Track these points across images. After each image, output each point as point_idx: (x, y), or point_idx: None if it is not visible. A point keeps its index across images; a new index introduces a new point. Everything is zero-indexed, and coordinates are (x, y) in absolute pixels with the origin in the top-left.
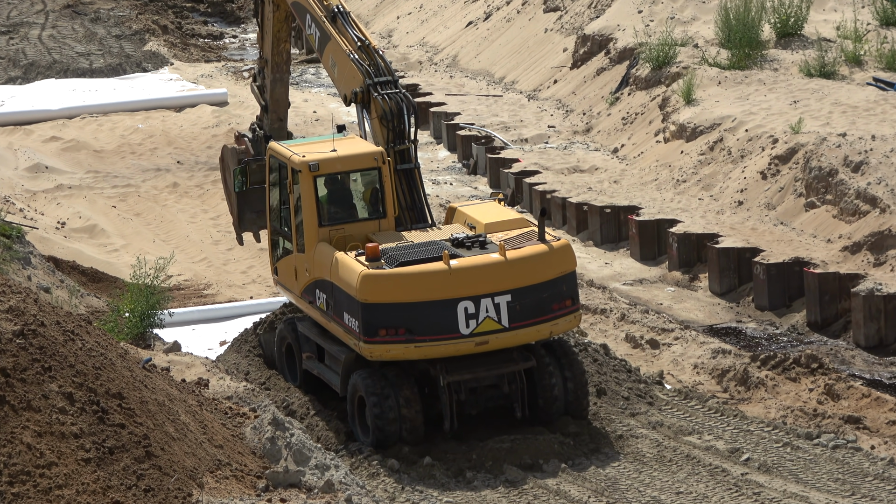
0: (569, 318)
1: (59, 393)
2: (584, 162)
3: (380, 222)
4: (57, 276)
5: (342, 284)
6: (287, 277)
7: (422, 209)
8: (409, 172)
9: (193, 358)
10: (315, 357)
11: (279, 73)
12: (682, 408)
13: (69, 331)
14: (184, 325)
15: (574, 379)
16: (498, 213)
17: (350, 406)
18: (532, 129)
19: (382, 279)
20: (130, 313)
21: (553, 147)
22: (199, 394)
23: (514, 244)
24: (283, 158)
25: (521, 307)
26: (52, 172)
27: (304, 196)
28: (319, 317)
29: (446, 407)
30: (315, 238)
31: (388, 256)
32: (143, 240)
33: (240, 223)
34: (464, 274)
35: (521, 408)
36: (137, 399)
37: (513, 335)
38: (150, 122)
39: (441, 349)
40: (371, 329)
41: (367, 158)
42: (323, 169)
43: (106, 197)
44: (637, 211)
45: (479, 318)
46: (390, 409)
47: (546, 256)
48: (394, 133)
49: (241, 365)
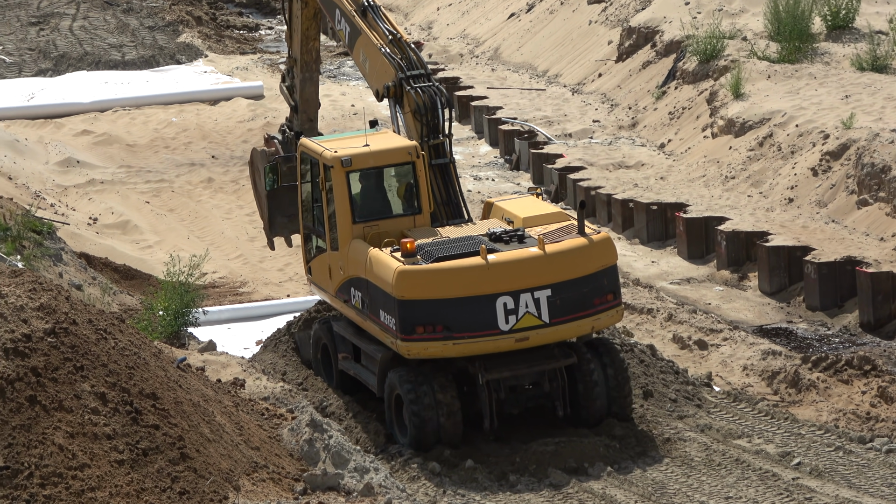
0: (611, 313)
1: (92, 393)
2: (629, 157)
3: (415, 218)
4: (89, 273)
5: (378, 281)
6: (321, 276)
7: (458, 205)
8: (445, 167)
9: (229, 357)
10: (351, 357)
11: (308, 72)
12: (731, 410)
13: (101, 329)
14: (219, 324)
15: (616, 377)
16: (536, 207)
17: (387, 406)
18: (576, 123)
19: (419, 275)
20: (164, 311)
21: (598, 142)
22: (234, 394)
23: (554, 238)
24: (314, 154)
25: (562, 302)
26: (83, 167)
27: (337, 192)
28: (355, 316)
29: (485, 406)
30: (349, 235)
31: (424, 252)
32: (177, 236)
33: (270, 227)
34: (502, 268)
35: (563, 406)
36: (172, 399)
37: (553, 331)
38: (184, 115)
39: (480, 346)
40: (408, 326)
41: (401, 153)
42: (356, 164)
43: (139, 192)
44: (684, 208)
45: (518, 313)
46: (428, 407)
47: (586, 250)
48: (428, 127)
49: (278, 365)
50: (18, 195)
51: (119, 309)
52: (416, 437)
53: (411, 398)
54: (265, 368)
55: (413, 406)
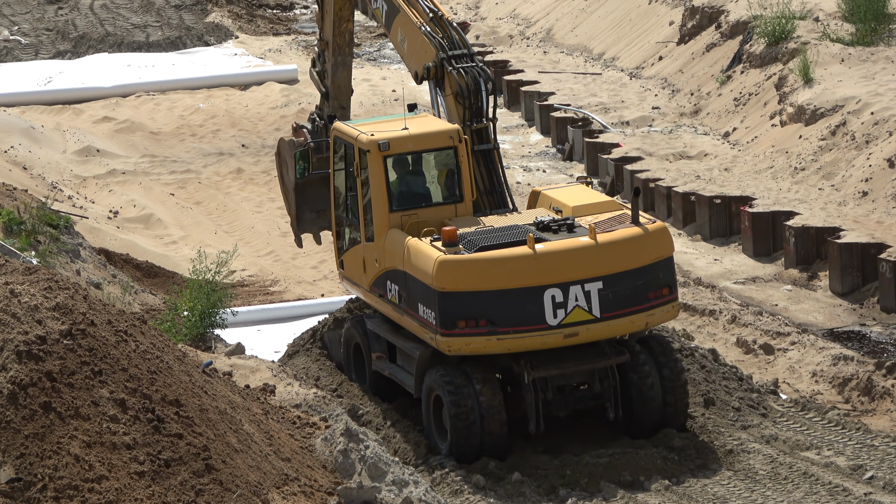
0: (666, 309)
1: (111, 399)
2: (691, 147)
3: (456, 207)
4: (108, 270)
5: (416, 273)
6: (354, 270)
7: (502, 193)
8: (488, 153)
9: (258, 362)
10: (386, 357)
11: (341, 55)
12: (798, 420)
13: (122, 331)
14: (248, 326)
15: (672, 379)
16: (586, 195)
17: (425, 408)
18: (634, 110)
19: (461, 265)
20: (189, 312)
21: (657, 131)
22: (264, 401)
23: (606, 227)
24: (348, 139)
25: (614, 295)
26: (103, 156)
27: (374, 179)
28: (391, 311)
29: (531, 407)
30: (385, 225)
31: (466, 241)
32: (204, 231)
33: (298, 223)
34: (551, 259)
35: (614, 408)
36: (196, 406)
37: (605, 326)
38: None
39: (526, 342)
40: (449, 320)
41: (442, 137)
42: (394, 148)
43: (163, 183)
44: (750, 202)
45: (567, 307)
46: (470, 408)
47: (641, 240)
48: (470, 111)
49: (311, 370)
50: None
51: (141, 309)
52: (457, 443)
53: (452, 399)
54: (297, 374)
55: (454, 408)
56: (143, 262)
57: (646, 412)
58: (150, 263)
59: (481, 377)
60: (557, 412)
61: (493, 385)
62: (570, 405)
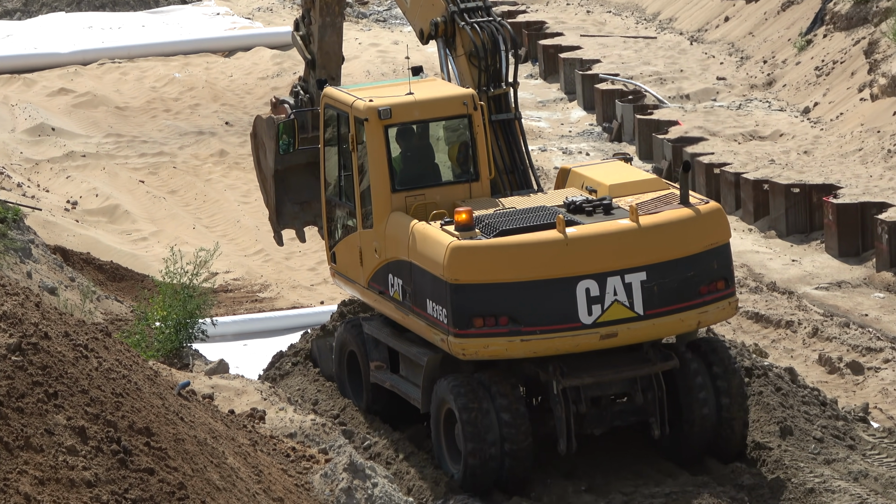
0: (721, 305)
1: (68, 427)
2: (764, 126)
3: (470, 186)
4: (66, 272)
5: (424, 263)
6: (349, 264)
7: (525, 172)
8: (508, 124)
9: (245, 382)
10: (387, 366)
11: (330, 15)
12: (893, 454)
13: (81, 345)
14: (233, 339)
15: (729, 391)
16: (625, 173)
17: (435, 425)
18: (695, 81)
19: (477, 253)
20: (162, 322)
21: (723, 106)
22: (252, 430)
23: (650, 208)
24: (342, 106)
25: (660, 289)
26: (60, 135)
27: (373, 153)
28: (393, 311)
29: (561, 422)
30: (387, 207)
31: (484, 225)
32: (180, 225)
33: (278, 217)
34: (584, 245)
35: (660, 424)
36: (171, 436)
37: (649, 326)
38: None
39: (555, 344)
40: (463, 318)
41: (454, 103)
42: (396, 116)
43: (131, 168)
44: (835, 191)
45: (604, 302)
46: (489, 426)
47: (691, 223)
48: (487, 74)
49: (308, 392)
50: None
51: (104, 319)
52: (472, 468)
53: (467, 415)
54: (291, 396)
55: (469, 426)
56: (107, 263)
57: (697, 431)
58: (116, 264)
59: (502, 388)
60: (592, 429)
61: (516, 397)
62: (608, 421)
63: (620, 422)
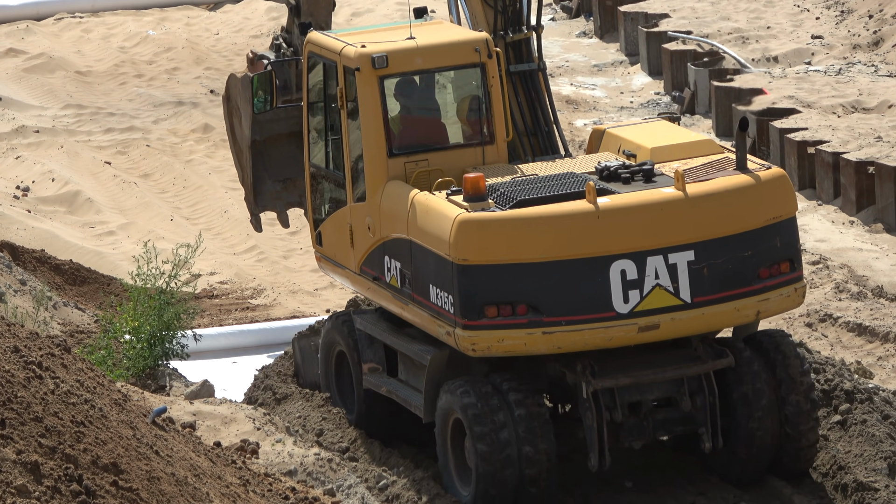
0: (786, 292)
1: (18, 463)
2: (870, 95)
3: (483, 150)
4: (15, 274)
5: (426, 240)
6: (337, 246)
7: (550, 134)
8: (530, 76)
9: (234, 408)
10: (383, 370)
11: None
12: None
13: (34, 363)
14: (219, 356)
15: (795, 397)
16: (670, 134)
17: (440, 439)
18: (785, 41)
19: (490, 227)
20: (133, 335)
21: (819, 70)
22: (242, 466)
23: (699, 175)
24: (330, 54)
25: (711, 271)
26: (7, 106)
27: (366, 109)
28: (390, 300)
29: (592, 431)
30: (383, 175)
31: (499, 194)
32: (155, 216)
33: (256, 198)
34: (620, 217)
35: (712, 436)
36: (143, 474)
37: (697, 316)
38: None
39: (584, 338)
40: (473, 307)
41: (464, 49)
42: (394, 65)
43: (95, 147)
44: None
45: (643, 287)
46: (505, 441)
47: (750, 192)
48: (504, 16)
49: (311, 419)
50: None
51: (62, 331)
52: (485, 492)
53: (479, 428)
54: (290, 425)
55: (481, 442)
56: (66, 263)
57: (755, 445)
58: (76, 264)
59: (521, 394)
60: (630, 441)
61: (538, 406)
62: (649, 432)
63: (664, 432)
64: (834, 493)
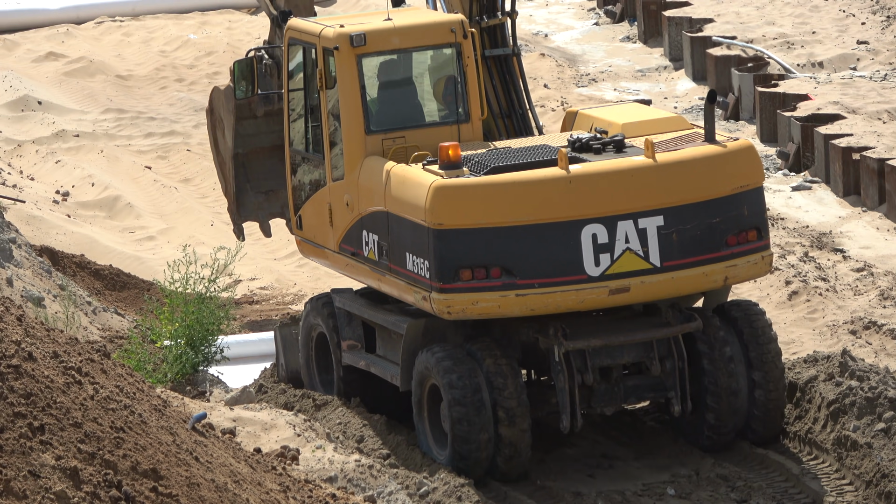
0: (753, 259)
1: (57, 468)
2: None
3: (459, 128)
4: (54, 278)
5: (402, 209)
6: (317, 227)
7: (524, 116)
8: (505, 61)
9: (275, 414)
10: (362, 346)
11: None
12: None
13: (73, 368)
14: (259, 361)
15: (763, 366)
16: (641, 112)
17: (416, 404)
18: (830, 46)
19: (464, 192)
20: (173, 340)
21: (865, 76)
22: (283, 472)
23: (669, 146)
24: (309, 38)
25: (680, 236)
26: (48, 111)
27: (344, 87)
28: (368, 274)
29: (564, 394)
30: (361, 151)
31: (473, 163)
32: (195, 221)
33: (238, 208)
34: (590, 183)
35: (681, 399)
36: (183, 480)
37: (667, 280)
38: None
39: (556, 300)
40: (448, 270)
41: (440, 30)
42: (371, 44)
43: (135, 151)
44: None
45: (614, 251)
46: (479, 403)
47: (717, 161)
48: (480, 2)
49: (351, 426)
50: None
51: (102, 337)
52: (461, 455)
53: (454, 392)
54: (331, 432)
55: (457, 406)
56: (106, 268)
57: (724, 408)
58: (116, 269)
59: (496, 360)
60: (602, 408)
61: (512, 371)
62: (620, 398)
63: (635, 399)
64: (878, 501)
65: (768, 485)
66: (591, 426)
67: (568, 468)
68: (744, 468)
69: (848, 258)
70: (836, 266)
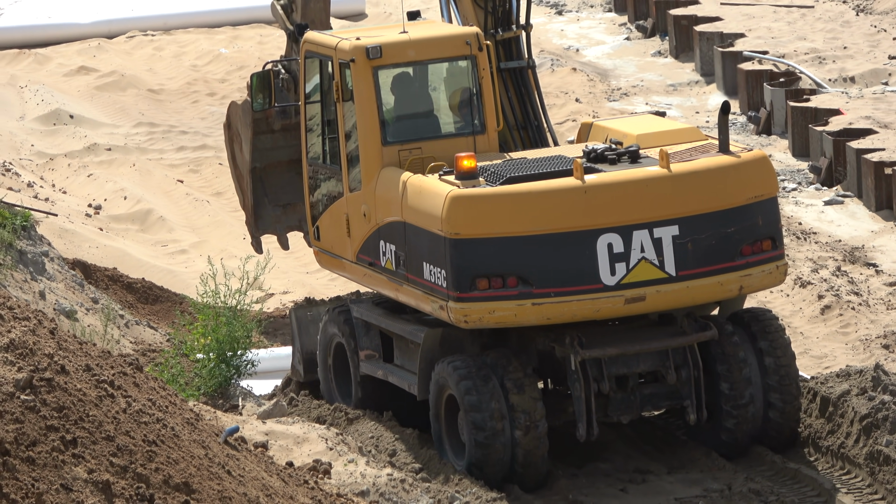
0: (768, 269)
1: (90, 482)
2: None
3: (475, 139)
4: (87, 292)
5: (419, 220)
6: (335, 238)
7: (539, 128)
8: (520, 73)
9: (307, 427)
10: (380, 355)
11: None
12: None
13: (106, 381)
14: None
15: (778, 372)
16: (656, 123)
17: (434, 413)
18: (862, 61)
19: (481, 202)
20: (205, 354)
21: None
22: (315, 486)
23: (684, 157)
24: (326, 50)
25: (695, 246)
26: (79, 125)
27: (361, 99)
28: (386, 284)
29: (581, 402)
30: (377, 162)
31: (489, 173)
32: (227, 235)
33: (256, 222)
34: (606, 192)
35: (697, 408)
36: (215, 493)
37: (682, 289)
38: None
39: (572, 309)
40: (465, 279)
41: (456, 42)
42: (388, 57)
43: (167, 165)
44: None
45: (630, 260)
46: (496, 411)
47: (732, 172)
48: (494, 16)
49: (384, 440)
50: None
51: (134, 350)
52: (478, 462)
53: (471, 402)
54: (363, 446)
55: (474, 413)
56: (138, 281)
57: (740, 416)
58: (148, 282)
59: (512, 369)
60: (618, 416)
61: (529, 379)
62: (636, 406)
63: (651, 407)
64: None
65: (800, 500)
66: (623, 440)
67: (600, 482)
68: (776, 483)
69: (881, 272)
70: (868, 280)
